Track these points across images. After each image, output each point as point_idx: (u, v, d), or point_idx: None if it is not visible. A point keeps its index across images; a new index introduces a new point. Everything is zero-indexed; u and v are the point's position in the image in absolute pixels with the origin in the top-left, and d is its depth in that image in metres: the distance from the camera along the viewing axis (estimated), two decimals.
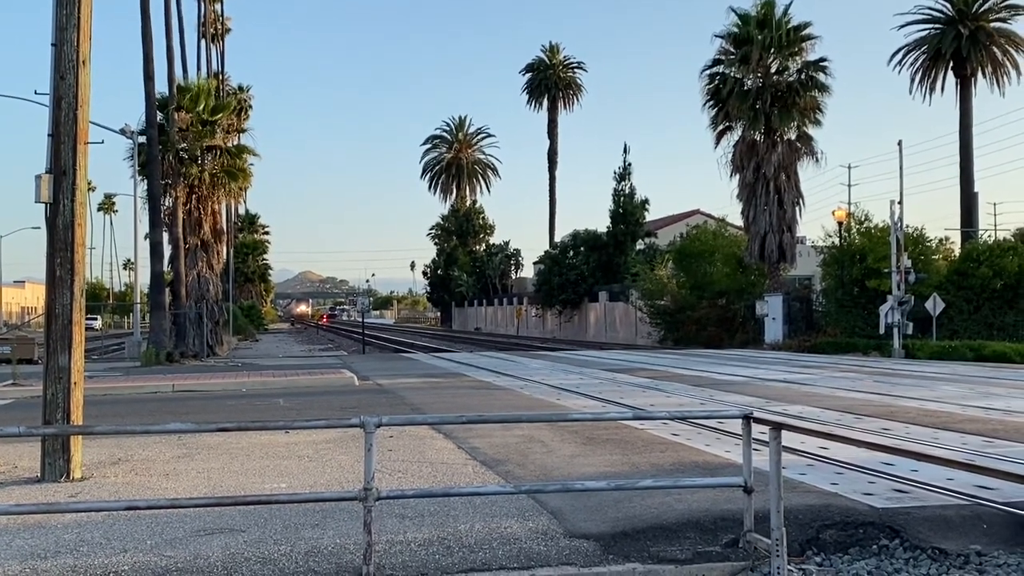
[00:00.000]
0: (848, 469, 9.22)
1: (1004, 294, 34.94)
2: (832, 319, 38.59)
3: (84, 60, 9.37)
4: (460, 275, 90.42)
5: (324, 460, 10.30)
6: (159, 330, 32.88)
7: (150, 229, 34.36)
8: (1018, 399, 16.51)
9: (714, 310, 43.94)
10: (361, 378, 22.43)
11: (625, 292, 54.92)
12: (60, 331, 9.24)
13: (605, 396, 17.62)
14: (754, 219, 40.33)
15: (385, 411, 14.60)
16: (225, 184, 38.50)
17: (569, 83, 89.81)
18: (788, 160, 39.95)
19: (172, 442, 11.65)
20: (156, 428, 8.29)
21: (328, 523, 7.23)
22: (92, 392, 15.68)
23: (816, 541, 6.97)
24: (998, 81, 48.30)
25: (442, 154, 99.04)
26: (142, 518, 7.40)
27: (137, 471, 9.75)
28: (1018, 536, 7.05)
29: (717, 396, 17.62)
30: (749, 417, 6.69)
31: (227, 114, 40.05)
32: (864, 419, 13.62)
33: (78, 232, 9.30)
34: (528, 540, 6.78)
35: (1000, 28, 48.23)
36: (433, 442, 11.54)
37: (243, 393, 19.16)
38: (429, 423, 12.16)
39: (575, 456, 10.41)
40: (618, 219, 61.06)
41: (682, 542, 6.84)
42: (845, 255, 37.84)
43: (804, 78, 40.02)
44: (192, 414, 14.99)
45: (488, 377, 23.38)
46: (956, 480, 8.25)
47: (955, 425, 12.80)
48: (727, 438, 11.35)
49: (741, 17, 40.70)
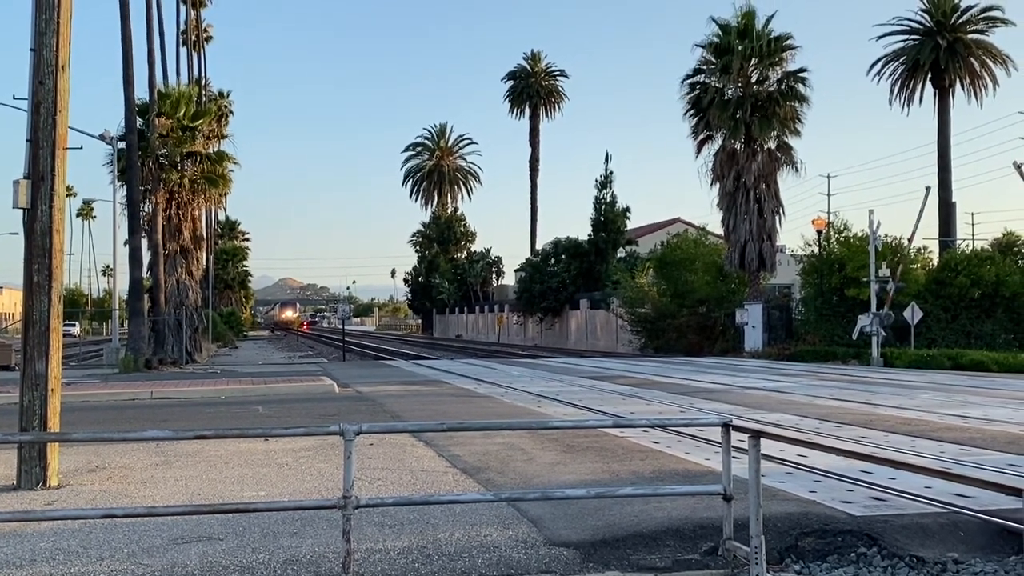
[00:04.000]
0: (827, 477, 9.26)
1: (981, 303, 35.22)
2: (811, 327, 38.83)
3: (63, 65, 9.33)
4: (441, 282, 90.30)
5: (303, 468, 10.25)
6: (138, 337, 32.67)
7: (129, 235, 34.13)
8: (995, 408, 16.64)
9: (694, 318, 44.12)
10: (341, 385, 22.37)
11: (606, 300, 55.03)
12: (37, 337, 9.17)
13: (586, 404, 17.63)
14: (734, 228, 40.53)
15: (365, 418, 14.55)
16: (205, 190, 38.32)
17: (551, 91, 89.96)
18: (768, 169, 40.18)
19: (150, 449, 11.59)
20: (134, 435, 8.24)
21: (307, 531, 7.21)
22: (69, 399, 15.55)
23: (795, 549, 7.00)
24: (976, 92, 48.73)
25: (424, 161, 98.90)
26: (119, 526, 7.34)
27: (115, 479, 9.68)
28: (995, 544, 7.09)
29: (697, 404, 17.67)
30: (729, 425, 6.71)
31: (208, 120, 39.92)
32: (843, 427, 13.70)
33: (56, 238, 9.24)
34: (508, 548, 6.77)
35: (978, 40, 48.66)
36: (413, 450, 11.52)
37: (222, 400, 19.06)
38: (409, 430, 12.10)
39: (555, 464, 10.41)
40: (599, 227, 61.27)
41: (662, 550, 6.84)
42: (824, 264, 38.09)
43: (784, 88, 40.32)
44: (170, 421, 14.91)
45: (469, 384, 23.36)
46: (934, 488, 8.31)
47: (933, 433, 12.89)
48: (707, 446, 11.37)
49: (722, 27, 40.94)
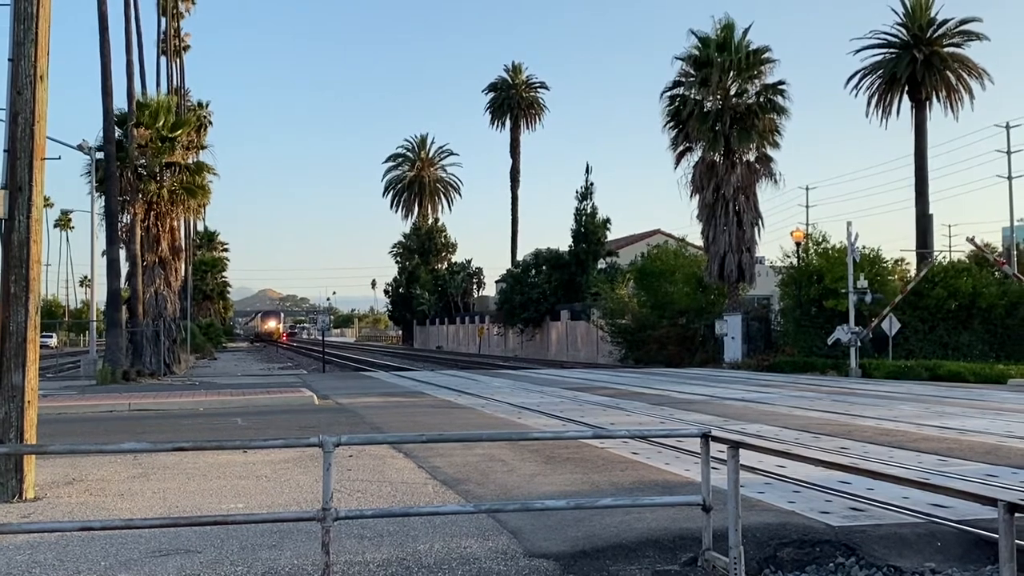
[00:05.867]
0: (805, 487, 9.30)
1: (958, 314, 35.51)
2: (790, 338, 39.01)
3: (42, 75, 9.29)
4: (422, 293, 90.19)
5: (282, 480, 10.21)
6: (115, 348, 32.45)
7: (107, 246, 33.94)
8: (972, 418, 16.77)
9: (674, 329, 44.22)
10: (321, 397, 22.28)
11: (587, 311, 55.11)
12: (14, 349, 9.09)
13: (566, 415, 17.64)
14: (714, 239, 40.70)
15: (345, 430, 14.51)
16: (184, 201, 38.21)
17: (532, 103, 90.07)
18: (747, 181, 40.39)
19: (128, 462, 11.50)
20: (111, 447, 8.19)
21: (286, 543, 7.17)
22: (46, 411, 15.43)
23: (774, 559, 7.02)
24: (952, 105, 49.06)
25: (404, 172, 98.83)
26: (96, 539, 7.29)
27: (92, 491, 9.61)
28: (971, 554, 7.14)
29: (677, 415, 17.71)
30: (708, 436, 6.73)
31: (187, 131, 39.76)
32: (822, 438, 13.77)
33: (34, 249, 9.18)
34: (488, 559, 6.76)
35: (954, 53, 49.05)
36: (393, 461, 11.49)
37: (201, 412, 18.95)
38: (389, 442, 12.05)
39: (535, 475, 10.41)
40: (580, 238, 61.40)
41: (641, 561, 6.85)
42: (803, 275, 38.29)
43: (763, 100, 40.55)
44: (148, 433, 14.80)
45: (449, 396, 23.32)
46: (911, 498, 8.36)
47: (911, 444, 12.98)
48: (687, 456, 11.40)
49: (701, 40, 41.17)
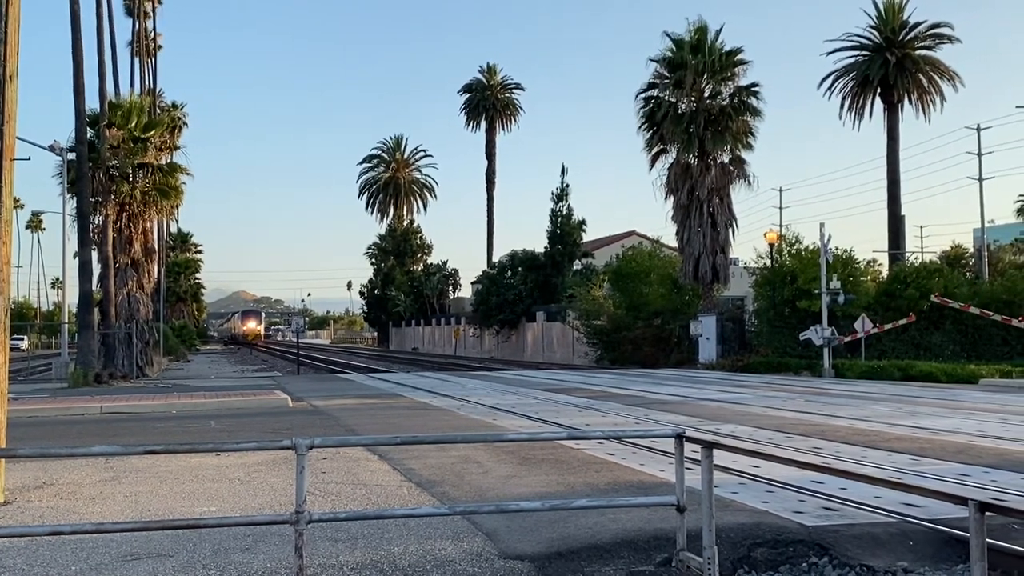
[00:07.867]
0: (779, 487, 9.34)
1: (930, 315, 35.80)
2: (764, 339, 39.22)
3: (11, 75, 9.18)
4: (397, 295, 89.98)
5: (255, 483, 10.15)
6: (87, 350, 32.16)
7: (79, 248, 33.64)
8: (944, 418, 16.91)
9: (650, 330, 44.37)
10: (295, 399, 22.17)
11: (562, 312, 55.18)
12: None
13: (542, 416, 17.64)
14: (688, 240, 40.88)
15: (319, 432, 14.44)
16: (157, 202, 37.95)
17: (507, 104, 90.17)
18: (721, 183, 40.59)
19: (99, 465, 11.40)
20: (82, 451, 8.08)
21: (259, 547, 7.13)
22: (17, 414, 15.28)
23: (748, 559, 7.04)
24: (924, 107, 49.56)
25: (379, 173, 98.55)
26: (67, 543, 7.22)
27: (62, 495, 9.51)
28: (942, 552, 7.20)
29: (652, 415, 17.75)
30: (682, 436, 6.74)
31: (160, 131, 39.51)
32: (796, 438, 13.84)
33: (3, 250, 9.07)
34: (463, 562, 6.75)
35: (926, 56, 49.54)
36: (368, 464, 11.45)
37: (173, 415, 18.81)
38: (363, 444, 12.01)
39: (511, 476, 10.40)
40: (556, 239, 61.51)
41: (616, 562, 6.86)
42: (776, 276, 38.52)
43: (737, 102, 40.76)
44: (120, 436, 14.68)
45: (425, 397, 23.28)
46: (884, 498, 8.42)
47: (883, 444, 13.07)
48: (661, 457, 11.43)
49: (675, 42, 41.34)
